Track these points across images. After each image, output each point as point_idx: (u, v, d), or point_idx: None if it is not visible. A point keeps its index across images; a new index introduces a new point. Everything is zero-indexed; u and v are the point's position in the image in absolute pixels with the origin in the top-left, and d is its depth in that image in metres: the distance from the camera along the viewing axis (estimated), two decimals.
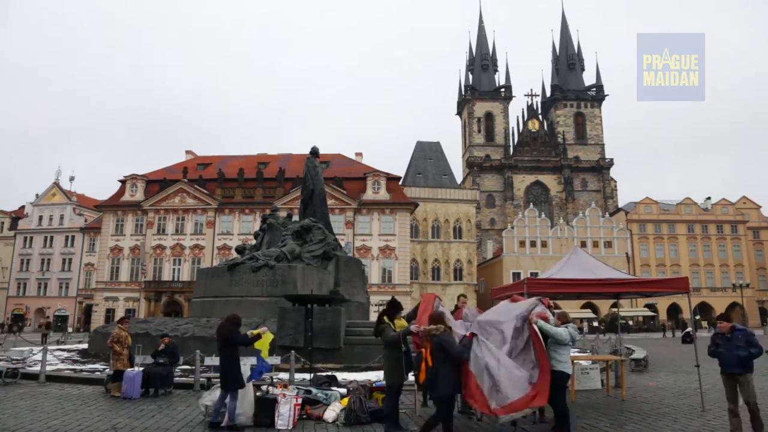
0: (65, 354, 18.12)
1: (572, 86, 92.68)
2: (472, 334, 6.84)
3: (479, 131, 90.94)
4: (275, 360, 11.41)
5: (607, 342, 23.05)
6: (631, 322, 57.96)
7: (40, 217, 63.69)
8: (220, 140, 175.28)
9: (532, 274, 49.33)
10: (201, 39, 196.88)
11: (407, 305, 53.64)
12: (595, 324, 53.18)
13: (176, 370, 11.65)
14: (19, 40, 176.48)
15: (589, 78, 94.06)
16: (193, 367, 11.29)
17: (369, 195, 53.71)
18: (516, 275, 56.11)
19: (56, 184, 64.64)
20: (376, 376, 10.40)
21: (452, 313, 7.97)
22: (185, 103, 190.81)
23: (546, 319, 6.94)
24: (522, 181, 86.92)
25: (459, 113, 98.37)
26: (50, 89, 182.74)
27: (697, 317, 57.05)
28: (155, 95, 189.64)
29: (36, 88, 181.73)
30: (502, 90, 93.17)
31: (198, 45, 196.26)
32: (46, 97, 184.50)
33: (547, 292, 10.54)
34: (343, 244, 27.39)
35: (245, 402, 7.76)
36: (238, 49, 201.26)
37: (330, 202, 33.59)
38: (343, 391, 8.67)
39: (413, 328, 7.11)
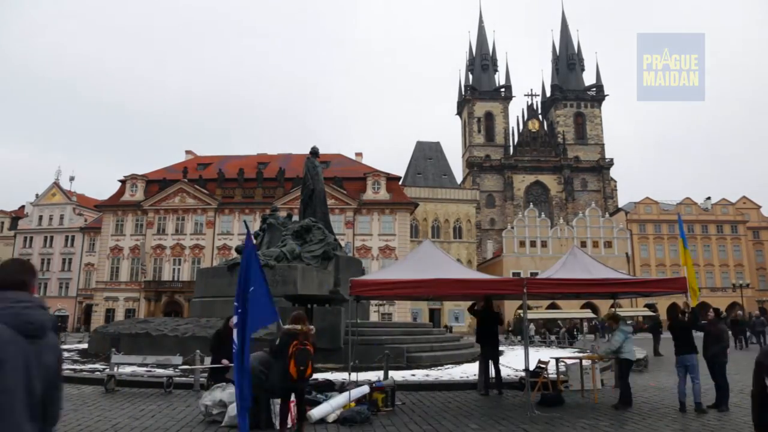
0: (65, 354, 17.98)
1: (572, 86, 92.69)
2: None
3: (479, 131, 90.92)
4: None
5: (607, 342, 23.00)
6: (630, 322, 57.88)
7: (40, 217, 63.64)
8: (220, 140, 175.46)
9: (532, 274, 49.33)
10: (202, 39, 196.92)
11: (407, 305, 53.32)
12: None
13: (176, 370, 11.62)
14: (18, 40, 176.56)
15: (589, 78, 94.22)
16: (193, 367, 11.29)
17: (369, 195, 53.70)
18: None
19: (56, 184, 64.56)
20: (377, 376, 10.45)
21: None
22: (185, 102, 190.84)
23: None
24: (522, 181, 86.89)
25: (459, 113, 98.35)
26: (50, 89, 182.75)
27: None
28: (156, 94, 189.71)
29: (36, 88, 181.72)
30: (502, 90, 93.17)
31: (199, 44, 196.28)
32: (46, 96, 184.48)
33: (546, 293, 10.58)
34: (343, 244, 27.39)
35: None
36: (238, 48, 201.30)
37: (330, 202, 33.58)
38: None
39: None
